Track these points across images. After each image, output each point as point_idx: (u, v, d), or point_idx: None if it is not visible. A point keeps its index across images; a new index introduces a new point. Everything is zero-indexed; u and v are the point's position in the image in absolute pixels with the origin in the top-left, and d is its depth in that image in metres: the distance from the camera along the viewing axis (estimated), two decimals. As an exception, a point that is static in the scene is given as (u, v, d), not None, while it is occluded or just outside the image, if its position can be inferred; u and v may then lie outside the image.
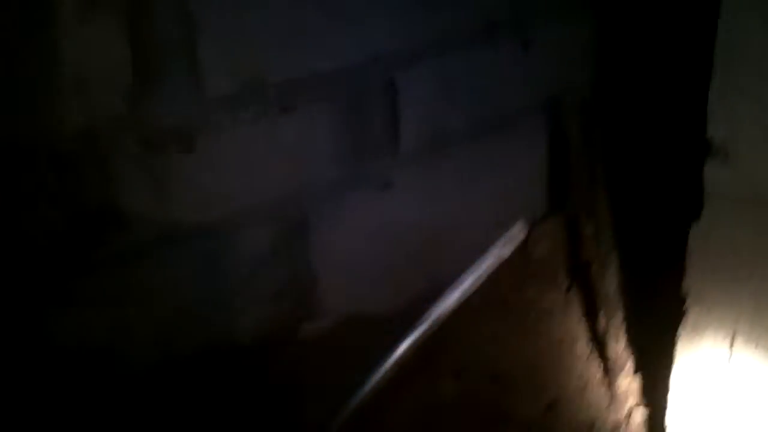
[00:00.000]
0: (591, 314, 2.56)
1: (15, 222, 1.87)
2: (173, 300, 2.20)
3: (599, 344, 2.44)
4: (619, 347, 2.25)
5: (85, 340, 2.09)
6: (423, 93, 2.49)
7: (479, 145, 2.69)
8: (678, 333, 1.79)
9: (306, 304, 2.49)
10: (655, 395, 2.03)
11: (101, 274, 2.06)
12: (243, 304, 2.33)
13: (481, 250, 2.28)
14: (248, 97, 2.15)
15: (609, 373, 2.31)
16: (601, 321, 2.41)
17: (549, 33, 2.77)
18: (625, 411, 2.26)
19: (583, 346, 2.51)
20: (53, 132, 1.88)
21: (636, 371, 2.30)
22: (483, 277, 1.06)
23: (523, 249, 2.85)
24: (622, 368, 2.27)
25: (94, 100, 1.92)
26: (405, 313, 2.63)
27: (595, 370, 2.42)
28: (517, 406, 2.33)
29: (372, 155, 2.44)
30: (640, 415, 2.22)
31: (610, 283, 2.21)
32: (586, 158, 2.17)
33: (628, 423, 2.22)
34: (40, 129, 1.86)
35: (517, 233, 1.06)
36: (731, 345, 1.75)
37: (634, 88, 2.65)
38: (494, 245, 1.07)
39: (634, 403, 2.28)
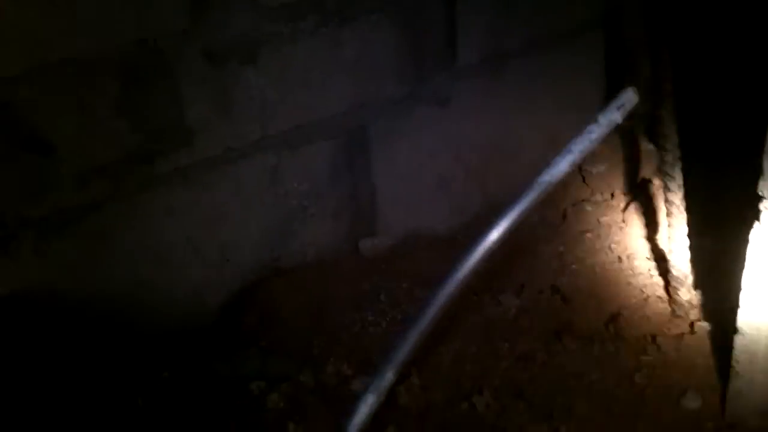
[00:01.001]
0: (652, 229, 2.54)
1: (83, 129, 1.88)
2: (238, 216, 2.22)
3: (661, 259, 2.42)
4: (682, 261, 2.23)
5: (152, 254, 2.12)
6: (481, 4, 2.46)
7: (536, 61, 2.67)
8: (749, 237, 1.76)
9: (366, 220, 2.51)
10: (722, 307, 2.01)
11: (168, 188, 2.08)
12: (305, 219, 2.35)
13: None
14: (307, 7, 2.15)
15: (671, 287, 2.30)
16: (663, 236, 2.39)
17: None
18: (687, 324, 2.25)
19: (643, 261, 2.51)
20: (118, 44, 1.89)
21: (700, 285, 2.28)
22: (594, 144, 1.03)
23: (580, 167, 2.85)
24: (683, 282, 2.26)
25: (157, 13, 1.93)
26: (464, 233, 2.64)
27: (657, 285, 2.41)
28: (578, 319, 2.33)
29: (430, 69, 2.44)
30: (703, 329, 2.21)
31: (673, 195, 2.18)
32: (650, 67, 2.13)
33: (691, 335, 2.21)
34: (105, 40, 1.86)
35: (629, 98, 1.02)
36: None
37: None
38: (604, 111, 1.02)
39: (697, 316, 2.26)
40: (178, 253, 2.15)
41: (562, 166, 1.11)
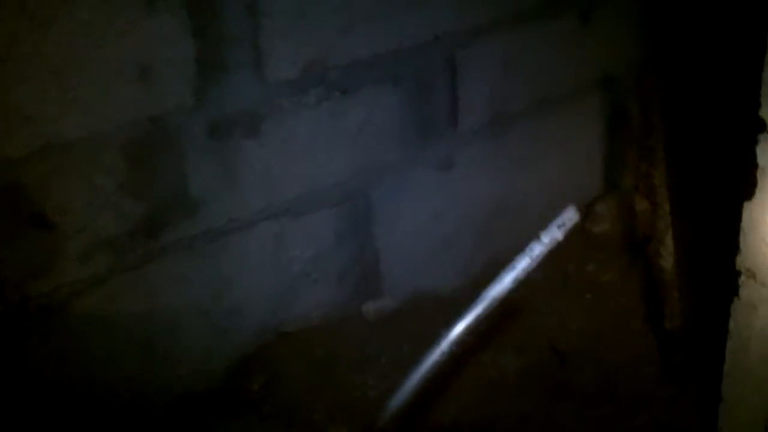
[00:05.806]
0: (649, 290, 2.58)
1: (88, 206, 1.95)
2: (242, 283, 2.28)
3: (656, 320, 2.46)
4: (675, 323, 2.27)
5: (158, 321, 2.18)
6: (482, 70, 2.53)
7: (538, 123, 2.73)
8: (731, 309, 1.81)
9: (370, 282, 2.56)
10: (709, 370, 2.05)
11: (172, 258, 2.14)
12: (309, 284, 2.40)
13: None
14: (310, 81, 2.22)
15: (665, 348, 2.34)
16: (658, 297, 2.43)
17: (607, 8, 2.77)
18: (680, 385, 2.29)
19: (640, 321, 2.55)
20: (124, 123, 1.96)
21: (691, 347, 2.32)
22: (536, 261, 1.11)
23: (583, 226, 2.89)
24: (677, 344, 2.30)
25: (162, 90, 2.00)
26: (470, 292, 2.68)
27: (652, 345, 2.45)
28: (575, 380, 2.37)
29: (433, 135, 2.50)
30: (696, 390, 2.24)
31: (667, 259, 2.23)
32: (645, 136, 2.19)
33: (683, 397, 2.25)
34: (110, 118, 1.93)
35: (570, 216, 1.09)
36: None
37: (688, 67, 2.63)
38: (547, 228, 1.11)
39: (690, 378, 2.30)
40: (184, 319, 2.21)
41: (506, 282, 1.19)
